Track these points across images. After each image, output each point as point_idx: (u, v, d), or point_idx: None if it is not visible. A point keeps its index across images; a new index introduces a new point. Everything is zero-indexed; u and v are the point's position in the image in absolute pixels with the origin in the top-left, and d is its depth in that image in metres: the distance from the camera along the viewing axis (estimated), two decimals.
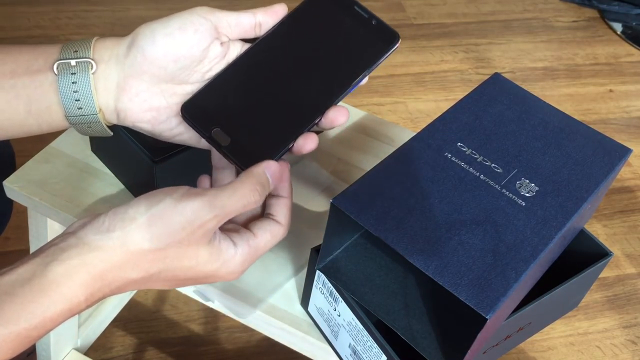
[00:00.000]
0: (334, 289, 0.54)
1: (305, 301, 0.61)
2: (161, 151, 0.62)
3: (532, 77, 1.80)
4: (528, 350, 1.20)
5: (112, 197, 0.68)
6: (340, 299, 0.54)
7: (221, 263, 0.45)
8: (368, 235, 0.56)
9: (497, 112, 0.57)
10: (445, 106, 0.65)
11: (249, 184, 0.46)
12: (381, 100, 1.65)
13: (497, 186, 0.51)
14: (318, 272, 0.55)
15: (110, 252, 0.42)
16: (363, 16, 0.52)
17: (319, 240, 0.54)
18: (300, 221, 0.69)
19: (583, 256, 0.59)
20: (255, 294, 0.63)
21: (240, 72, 0.51)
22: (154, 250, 0.43)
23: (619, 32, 1.99)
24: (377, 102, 1.64)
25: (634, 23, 2.03)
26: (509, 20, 1.99)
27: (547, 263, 0.56)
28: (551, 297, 0.55)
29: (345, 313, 0.54)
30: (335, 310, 0.56)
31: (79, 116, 0.49)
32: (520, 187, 0.51)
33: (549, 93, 1.75)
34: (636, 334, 1.26)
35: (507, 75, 0.81)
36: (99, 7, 1.79)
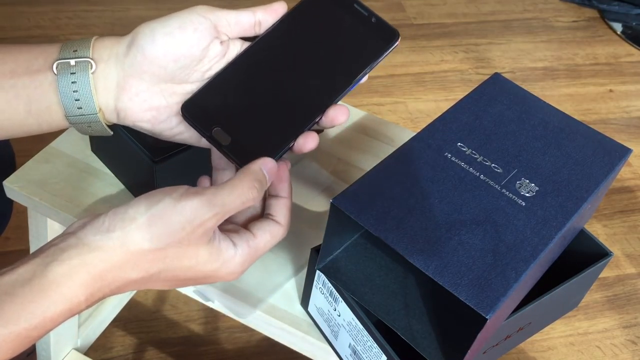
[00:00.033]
0: (334, 289, 0.54)
1: (305, 301, 0.61)
2: (161, 151, 0.62)
3: (532, 77, 1.80)
4: (528, 350, 1.20)
5: (112, 197, 0.68)
6: (340, 299, 0.54)
7: (221, 263, 0.45)
8: (368, 235, 0.56)
9: (497, 112, 0.57)
10: (445, 106, 0.65)
11: (246, 181, 0.45)
12: (381, 100, 1.65)
13: (497, 186, 0.51)
14: (318, 272, 0.55)
15: (110, 252, 0.42)
16: (363, 14, 0.52)
17: (319, 240, 0.54)
18: (300, 221, 0.69)
19: (583, 256, 0.59)
20: (255, 294, 0.63)
21: (240, 71, 0.51)
22: (154, 250, 0.43)
23: (619, 32, 1.99)
24: (377, 102, 1.64)
25: (634, 23, 2.03)
26: (509, 20, 1.99)
27: (547, 263, 0.56)
28: (551, 297, 0.55)
29: (345, 313, 0.54)
30: (335, 310, 0.56)
31: (79, 116, 0.49)
32: (520, 187, 0.51)
33: (549, 93, 1.75)
34: (636, 334, 1.26)
35: (507, 75, 0.81)
36: (99, 7, 1.79)
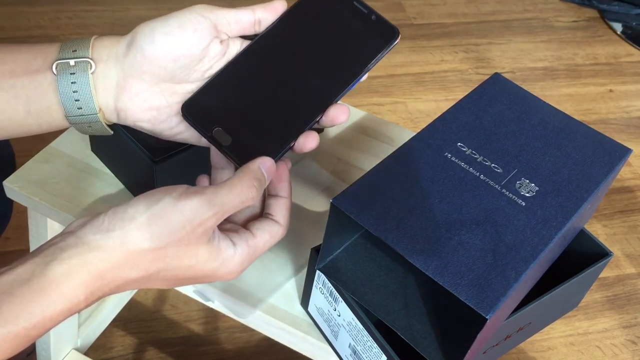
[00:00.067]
0: (334, 289, 0.54)
1: (305, 301, 0.61)
2: (161, 151, 0.62)
3: (532, 77, 1.80)
4: (528, 350, 1.20)
5: (112, 197, 0.68)
6: (340, 299, 0.54)
7: (220, 262, 0.45)
8: (368, 235, 0.56)
9: (497, 112, 0.57)
10: (445, 106, 0.65)
11: (245, 180, 0.45)
12: (381, 100, 1.65)
13: (497, 186, 0.51)
14: (318, 272, 0.55)
15: (110, 251, 0.42)
16: (362, 11, 0.52)
17: (319, 240, 0.54)
18: (300, 221, 0.69)
19: (583, 256, 0.59)
20: (255, 294, 0.63)
21: (240, 70, 0.50)
22: (154, 250, 0.43)
23: (619, 32, 1.99)
24: (377, 102, 1.64)
25: (634, 23, 2.03)
26: (509, 20, 1.99)
27: (547, 263, 0.56)
28: (551, 297, 0.54)
29: (345, 313, 0.54)
30: (335, 310, 0.56)
31: (79, 116, 0.49)
32: (520, 187, 0.51)
33: (549, 93, 1.75)
34: (636, 334, 1.26)
35: (507, 75, 0.81)
36: (99, 7, 1.79)
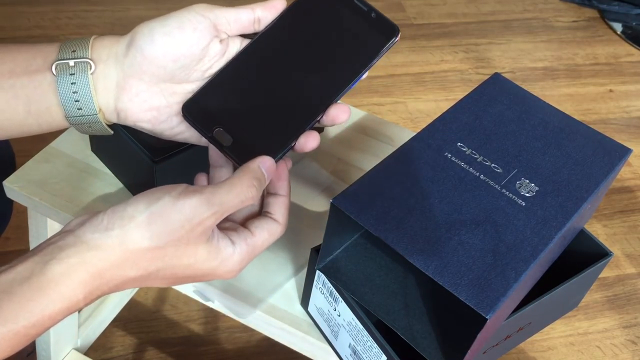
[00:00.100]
0: (334, 289, 0.54)
1: (305, 301, 0.61)
2: (161, 151, 0.62)
3: (532, 77, 1.80)
4: (528, 350, 1.20)
5: (112, 197, 0.68)
6: (340, 299, 0.54)
7: (219, 261, 0.45)
8: (368, 235, 0.56)
9: (497, 112, 0.57)
10: (445, 106, 0.65)
11: (245, 179, 0.45)
12: (381, 100, 1.65)
13: (497, 186, 0.51)
14: (318, 272, 0.55)
15: (109, 250, 0.42)
16: (362, 9, 0.52)
17: (319, 240, 0.54)
18: (300, 221, 0.69)
19: (583, 256, 0.59)
20: (255, 294, 0.62)
21: (240, 69, 0.50)
22: (153, 249, 0.42)
23: (619, 32, 1.99)
24: (377, 102, 1.64)
25: (634, 23, 2.03)
26: (509, 20, 1.99)
27: (547, 263, 0.56)
28: (551, 297, 0.54)
29: (345, 313, 0.54)
30: (335, 310, 0.56)
31: (79, 117, 0.49)
32: (520, 187, 0.51)
33: (549, 93, 1.75)
34: (636, 334, 1.26)
35: (507, 75, 0.81)
36: (99, 7, 1.79)
